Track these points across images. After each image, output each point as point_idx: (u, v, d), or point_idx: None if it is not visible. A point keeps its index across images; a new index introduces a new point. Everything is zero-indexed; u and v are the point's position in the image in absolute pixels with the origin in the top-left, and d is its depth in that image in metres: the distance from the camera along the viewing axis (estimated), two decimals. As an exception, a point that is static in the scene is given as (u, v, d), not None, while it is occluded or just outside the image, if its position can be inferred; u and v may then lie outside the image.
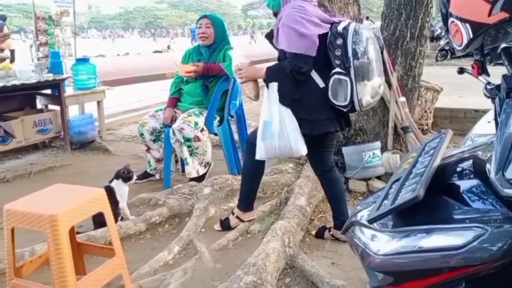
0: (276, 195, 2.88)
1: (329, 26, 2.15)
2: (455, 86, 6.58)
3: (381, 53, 3.62)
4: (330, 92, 2.12)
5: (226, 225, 2.55)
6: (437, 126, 4.65)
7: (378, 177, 3.24)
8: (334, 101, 2.13)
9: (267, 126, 2.15)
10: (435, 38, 14.86)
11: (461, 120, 4.62)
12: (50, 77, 4.03)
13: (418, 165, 1.16)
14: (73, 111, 4.86)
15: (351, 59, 2.07)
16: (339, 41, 2.09)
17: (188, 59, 3.31)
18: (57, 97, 4.15)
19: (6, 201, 1.74)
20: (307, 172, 3.06)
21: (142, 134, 3.25)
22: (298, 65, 2.07)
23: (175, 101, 3.34)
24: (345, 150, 3.30)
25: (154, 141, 3.26)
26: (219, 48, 3.23)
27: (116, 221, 2.15)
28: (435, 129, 4.55)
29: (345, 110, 2.16)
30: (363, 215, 1.21)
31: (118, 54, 18.79)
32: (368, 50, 2.10)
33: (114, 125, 5.56)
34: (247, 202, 2.55)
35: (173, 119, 3.24)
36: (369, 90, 2.12)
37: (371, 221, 1.09)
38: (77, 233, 2.08)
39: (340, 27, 2.11)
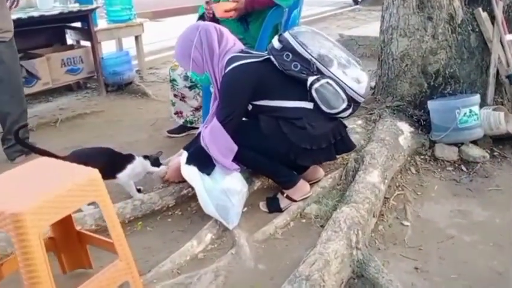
0: (339, 165, 2.25)
1: (265, 54, 1.94)
2: None
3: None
4: (322, 106, 1.86)
5: (275, 208, 1.99)
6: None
7: (474, 142, 2.50)
8: (333, 111, 1.87)
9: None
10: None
11: None
12: (75, 7, 3.48)
13: None
14: (110, 48, 4.39)
15: (313, 59, 1.84)
16: (288, 55, 1.87)
17: None
18: (87, 31, 3.65)
19: None
20: (382, 133, 2.38)
21: (174, 80, 2.68)
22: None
23: None
24: (431, 105, 2.55)
25: (190, 88, 2.69)
26: None
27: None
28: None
29: (350, 111, 1.91)
30: None
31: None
32: (318, 41, 1.89)
33: (157, 63, 5.02)
34: (288, 178, 2.00)
35: None
36: (351, 77, 1.86)
37: None
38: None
39: (276, 44, 1.90)
